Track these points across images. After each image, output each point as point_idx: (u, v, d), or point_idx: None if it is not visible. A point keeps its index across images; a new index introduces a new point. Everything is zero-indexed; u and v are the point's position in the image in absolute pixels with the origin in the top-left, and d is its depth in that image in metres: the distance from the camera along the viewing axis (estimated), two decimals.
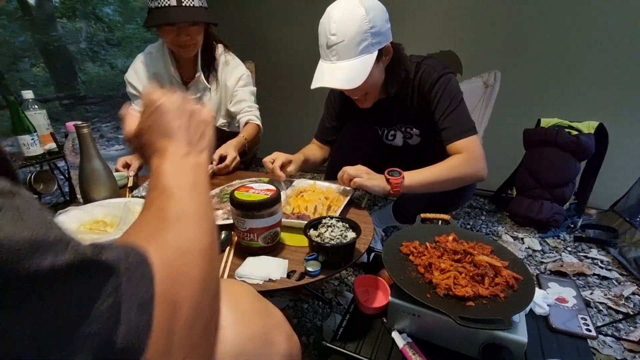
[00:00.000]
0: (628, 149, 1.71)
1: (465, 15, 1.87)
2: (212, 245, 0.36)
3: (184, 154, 0.42)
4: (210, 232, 0.37)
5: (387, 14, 1.03)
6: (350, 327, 0.78)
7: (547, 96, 1.83)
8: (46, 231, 0.21)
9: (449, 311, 0.60)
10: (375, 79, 1.08)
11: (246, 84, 1.56)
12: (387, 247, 0.81)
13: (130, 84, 1.45)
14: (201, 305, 0.31)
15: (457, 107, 1.11)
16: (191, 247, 0.33)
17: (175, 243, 0.32)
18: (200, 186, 0.40)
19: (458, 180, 1.08)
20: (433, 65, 1.15)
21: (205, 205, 0.39)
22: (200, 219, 0.36)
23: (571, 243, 1.60)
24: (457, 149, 1.09)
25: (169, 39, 1.32)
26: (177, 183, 0.38)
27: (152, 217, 0.35)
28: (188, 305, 0.29)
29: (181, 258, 0.31)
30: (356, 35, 0.97)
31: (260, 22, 2.39)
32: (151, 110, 0.44)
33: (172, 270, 0.30)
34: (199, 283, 0.31)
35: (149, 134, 0.43)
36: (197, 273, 0.32)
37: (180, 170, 0.40)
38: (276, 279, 0.71)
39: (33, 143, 1.59)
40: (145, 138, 0.44)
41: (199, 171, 0.42)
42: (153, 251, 0.29)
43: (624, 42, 1.61)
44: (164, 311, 0.27)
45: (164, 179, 0.39)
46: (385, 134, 1.37)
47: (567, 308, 0.83)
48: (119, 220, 0.83)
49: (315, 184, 1.13)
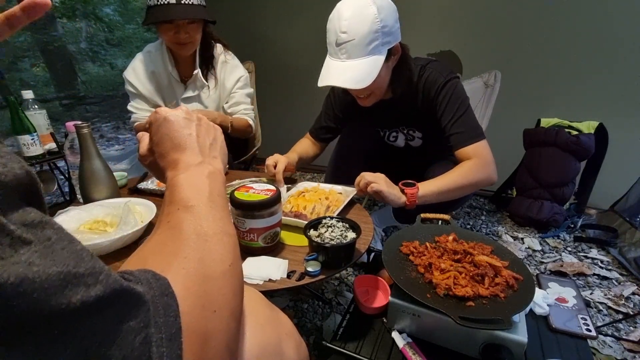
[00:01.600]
0: (628, 149, 1.71)
1: (465, 15, 1.87)
2: (235, 263, 0.34)
3: (198, 163, 0.41)
4: (232, 248, 0.35)
5: (397, 13, 1.02)
6: (350, 327, 0.78)
7: (547, 96, 1.83)
8: (77, 263, 0.20)
9: (449, 311, 0.60)
10: (382, 79, 1.07)
11: (244, 86, 1.57)
12: (387, 247, 0.81)
13: (128, 82, 1.46)
14: (230, 332, 0.30)
15: (465, 112, 1.11)
16: (214, 270, 0.31)
17: (196, 269, 0.30)
18: (217, 197, 0.39)
19: (471, 187, 1.07)
20: (439, 70, 1.14)
21: (225, 218, 0.37)
22: (221, 234, 0.35)
23: (571, 243, 1.60)
24: (467, 154, 1.08)
25: (168, 37, 1.33)
26: (193, 195, 0.37)
27: (168, 237, 0.33)
28: (218, 335, 0.28)
29: (205, 284, 0.29)
30: (367, 35, 0.95)
31: (259, 22, 2.39)
32: (159, 123, 0.43)
33: (198, 301, 0.28)
34: (226, 310, 0.30)
35: (160, 146, 0.43)
36: (223, 300, 0.30)
37: (195, 181, 0.39)
38: (276, 279, 0.71)
39: (33, 143, 1.59)
40: (157, 151, 0.43)
41: (214, 180, 0.41)
42: (173, 279, 0.27)
43: (624, 42, 1.61)
44: (194, 344, 0.26)
45: (179, 191, 0.37)
46: (387, 135, 1.37)
47: (567, 308, 0.83)
48: (119, 220, 0.83)
49: (318, 186, 1.13)
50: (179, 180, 0.39)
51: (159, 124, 0.43)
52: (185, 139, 0.43)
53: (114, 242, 0.75)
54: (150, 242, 0.34)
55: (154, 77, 1.47)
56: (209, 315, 0.28)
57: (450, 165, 1.17)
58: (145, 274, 0.26)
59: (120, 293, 0.21)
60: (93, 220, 0.87)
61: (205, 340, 0.27)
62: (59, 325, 0.18)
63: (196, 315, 0.27)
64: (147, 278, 0.25)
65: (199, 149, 0.43)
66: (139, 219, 0.87)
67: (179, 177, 0.39)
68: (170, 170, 0.41)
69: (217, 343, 0.28)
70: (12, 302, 0.16)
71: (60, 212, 0.87)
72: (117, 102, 6.16)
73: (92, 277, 0.20)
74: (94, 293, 0.20)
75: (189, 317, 0.26)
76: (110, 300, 0.21)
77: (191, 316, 0.26)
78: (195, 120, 0.45)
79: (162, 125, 0.43)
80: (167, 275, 0.27)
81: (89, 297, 0.19)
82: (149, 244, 0.34)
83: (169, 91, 1.51)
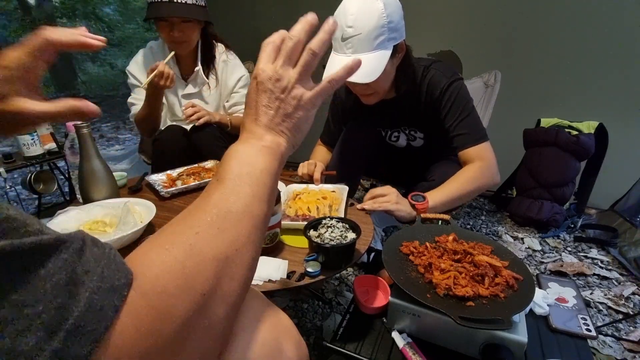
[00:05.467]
0: (628, 149, 1.71)
1: (465, 15, 1.87)
2: (242, 249, 0.33)
3: (258, 137, 0.40)
4: (247, 231, 0.34)
5: (402, 10, 1.02)
6: (350, 327, 0.78)
7: (547, 96, 1.83)
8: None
9: (449, 311, 0.60)
10: (387, 75, 1.07)
11: (245, 85, 1.60)
12: (387, 247, 0.81)
13: (131, 75, 1.49)
14: (219, 318, 0.30)
15: (469, 114, 1.11)
16: (219, 252, 0.31)
17: (199, 247, 0.30)
18: (260, 173, 0.37)
19: (477, 191, 1.08)
20: (442, 71, 1.14)
21: (257, 196, 0.36)
22: (243, 213, 0.34)
23: (571, 243, 1.60)
24: (471, 156, 1.09)
25: (164, 34, 1.36)
26: (233, 168, 0.37)
27: (194, 206, 0.34)
28: (199, 319, 0.28)
29: (200, 265, 0.30)
30: (374, 30, 0.95)
31: (260, 22, 2.39)
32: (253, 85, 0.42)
33: (181, 281, 0.28)
34: (221, 295, 0.30)
35: (245, 108, 0.43)
36: (215, 282, 0.30)
37: (244, 154, 0.38)
38: (276, 280, 0.71)
39: (33, 143, 1.59)
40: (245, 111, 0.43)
41: (265, 154, 0.39)
42: (165, 251, 0.29)
43: (624, 42, 1.61)
44: (157, 320, 0.26)
45: (225, 161, 0.38)
46: (388, 135, 1.37)
47: (567, 308, 0.83)
48: (119, 220, 0.83)
49: (307, 187, 1.13)
50: (230, 151, 0.39)
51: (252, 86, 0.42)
52: (260, 106, 0.41)
53: (113, 243, 0.75)
54: (188, 208, 0.35)
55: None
56: (190, 296, 0.28)
57: (453, 164, 1.16)
58: (85, 236, 0.27)
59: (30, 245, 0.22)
60: (92, 220, 0.87)
61: (176, 320, 0.27)
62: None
63: (171, 291, 0.27)
64: (84, 238, 0.26)
65: (269, 119, 0.41)
66: (138, 219, 0.87)
67: (233, 148, 0.39)
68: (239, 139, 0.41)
69: (200, 326, 0.28)
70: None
71: (59, 212, 0.87)
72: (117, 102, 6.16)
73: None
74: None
75: (158, 289, 0.27)
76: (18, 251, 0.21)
77: (162, 288, 0.27)
78: (281, 87, 0.41)
79: (252, 88, 0.42)
80: (172, 247, 0.29)
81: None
82: (184, 213, 0.34)
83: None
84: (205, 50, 1.50)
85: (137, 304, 0.25)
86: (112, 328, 0.24)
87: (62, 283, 0.22)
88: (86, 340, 0.22)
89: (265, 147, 0.39)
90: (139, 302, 0.25)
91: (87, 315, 0.22)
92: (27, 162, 1.62)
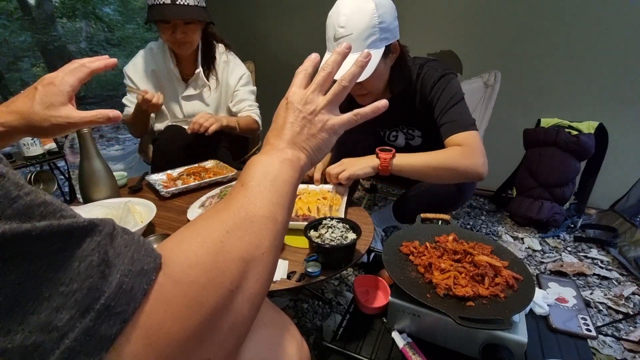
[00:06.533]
0: (628, 149, 1.71)
1: (465, 15, 1.87)
2: (268, 253, 0.34)
3: (280, 149, 0.42)
4: (273, 236, 0.35)
5: (395, 12, 1.03)
6: (350, 327, 0.78)
7: (547, 96, 1.83)
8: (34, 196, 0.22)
9: (449, 311, 0.60)
10: (380, 76, 1.08)
11: (247, 83, 1.59)
12: (387, 247, 0.81)
13: (127, 76, 1.47)
14: (237, 314, 0.30)
15: (456, 104, 1.09)
16: (246, 252, 0.32)
17: (231, 244, 0.31)
18: (282, 183, 0.39)
19: (452, 171, 1.02)
20: (435, 67, 1.14)
21: (280, 205, 0.37)
22: (268, 219, 0.35)
23: (571, 243, 1.60)
24: (455, 142, 1.05)
25: (166, 36, 1.35)
26: (256, 175, 0.38)
27: (221, 206, 0.35)
28: (226, 314, 0.29)
29: (226, 262, 0.30)
30: (365, 30, 0.97)
31: (259, 22, 2.39)
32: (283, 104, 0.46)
33: (210, 273, 0.29)
34: (246, 292, 0.31)
35: (273, 123, 0.46)
36: (239, 281, 0.30)
37: (266, 163, 0.40)
38: (276, 280, 0.71)
39: (33, 143, 1.59)
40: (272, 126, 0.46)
41: (287, 166, 0.40)
42: (190, 245, 0.30)
43: (624, 42, 1.61)
44: (187, 309, 0.27)
45: (248, 168, 0.39)
46: (387, 135, 1.37)
47: (567, 308, 0.83)
48: (119, 220, 0.83)
49: (307, 187, 1.13)
50: (253, 160, 0.40)
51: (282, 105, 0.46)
52: (286, 125, 0.44)
53: None
54: (213, 207, 0.36)
55: (154, 75, 1.48)
56: (219, 290, 0.29)
57: None
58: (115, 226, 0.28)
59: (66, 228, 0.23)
60: None
61: (205, 310, 0.27)
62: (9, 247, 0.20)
63: (203, 283, 0.28)
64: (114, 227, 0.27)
65: (292, 135, 0.43)
66: (139, 219, 0.87)
67: (256, 157, 0.41)
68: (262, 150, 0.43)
69: (225, 321, 0.29)
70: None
71: None
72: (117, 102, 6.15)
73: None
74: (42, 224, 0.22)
75: (189, 279, 0.28)
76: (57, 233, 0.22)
77: (194, 278, 0.28)
78: (309, 110, 0.45)
79: (282, 107, 0.45)
80: (196, 240, 0.30)
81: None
82: (215, 206, 0.36)
83: (170, 89, 1.51)
84: (206, 50, 1.49)
85: (168, 289, 0.26)
86: (140, 310, 0.25)
87: (94, 264, 0.23)
88: (115, 320, 0.23)
89: (287, 160, 0.41)
90: (171, 288, 0.27)
91: (117, 296, 0.23)
92: (27, 162, 1.62)
